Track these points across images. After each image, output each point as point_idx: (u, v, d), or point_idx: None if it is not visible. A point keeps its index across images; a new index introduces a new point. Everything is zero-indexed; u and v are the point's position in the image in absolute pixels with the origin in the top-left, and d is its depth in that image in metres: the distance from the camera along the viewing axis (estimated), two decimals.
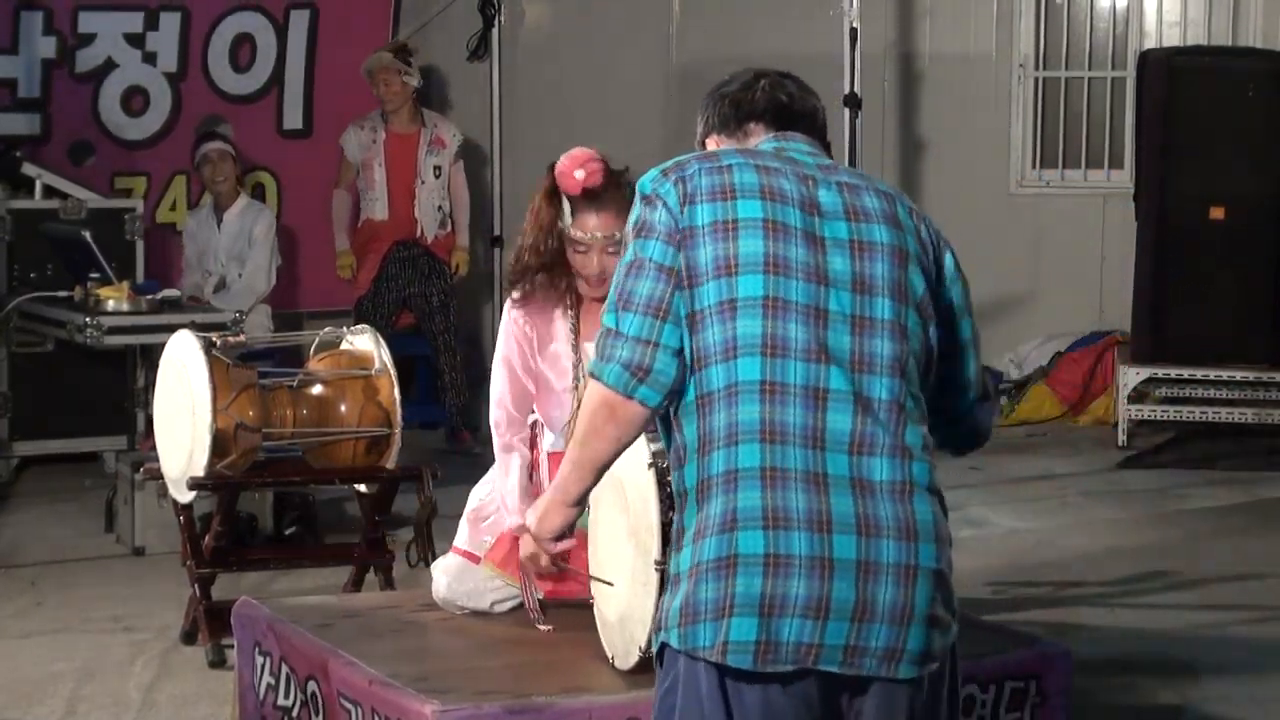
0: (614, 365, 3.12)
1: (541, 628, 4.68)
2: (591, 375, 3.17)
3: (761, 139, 3.39)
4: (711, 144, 3.45)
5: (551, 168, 4.75)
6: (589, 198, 4.69)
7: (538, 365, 4.80)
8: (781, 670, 3.04)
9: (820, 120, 3.47)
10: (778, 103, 3.41)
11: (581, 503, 3.35)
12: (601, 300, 4.77)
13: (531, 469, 4.84)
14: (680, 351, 3.11)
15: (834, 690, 3.09)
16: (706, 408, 3.10)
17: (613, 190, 4.71)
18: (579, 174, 4.67)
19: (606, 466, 3.27)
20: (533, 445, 4.85)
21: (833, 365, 3.09)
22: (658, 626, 3.18)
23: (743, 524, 3.03)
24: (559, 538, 3.41)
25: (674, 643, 3.09)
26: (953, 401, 3.35)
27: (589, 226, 4.68)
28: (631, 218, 3.25)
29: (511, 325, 4.82)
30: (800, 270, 3.12)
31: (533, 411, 4.85)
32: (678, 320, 3.12)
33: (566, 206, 4.69)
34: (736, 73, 3.50)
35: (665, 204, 3.18)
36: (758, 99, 3.42)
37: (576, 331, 4.79)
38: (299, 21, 10.37)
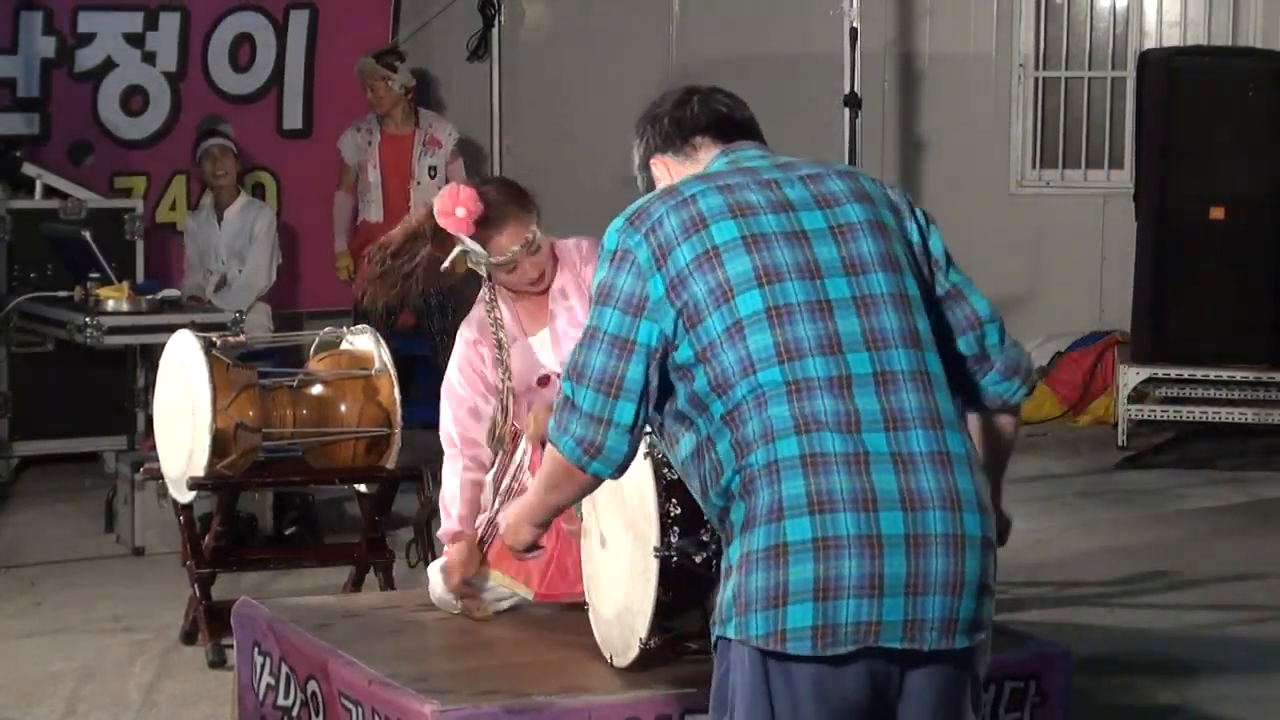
0: (568, 439, 3.22)
1: (477, 615, 4.78)
2: (550, 441, 3.26)
3: (710, 153, 3.40)
4: (657, 167, 3.45)
5: (427, 228, 4.82)
6: (483, 225, 4.76)
7: (500, 378, 4.86)
8: (841, 652, 3.05)
9: (757, 128, 3.48)
10: (718, 114, 3.42)
11: (547, 526, 3.57)
12: (543, 291, 4.85)
13: (496, 476, 4.90)
14: (634, 427, 3.19)
15: (888, 666, 3.10)
16: (737, 420, 3.13)
17: (496, 200, 4.79)
18: (460, 212, 4.74)
19: (560, 514, 3.57)
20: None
21: (848, 351, 3.13)
22: (712, 621, 3.20)
23: (789, 512, 3.06)
24: (529, 549, 3.63)
25: (731, 634, 3.11)
26: (982, 337, 3.35)
27: (503, 247, 4.78)
28: (596, 276, 3.27)
29: (462, 348, 4.92)
30: (792, 271, 3.16)
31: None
32: (633, 396, 3.17)
33: (471, 246, 4.74)
34: (666, 93, 3.52)
35: (635, 262, 3.20)
36: (698, 113, 3.42)
37: (500, 334, 4.84)
38: (298, 21, 10.38)
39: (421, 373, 9.97)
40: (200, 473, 5.91)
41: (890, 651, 3.08)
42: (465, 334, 4.96)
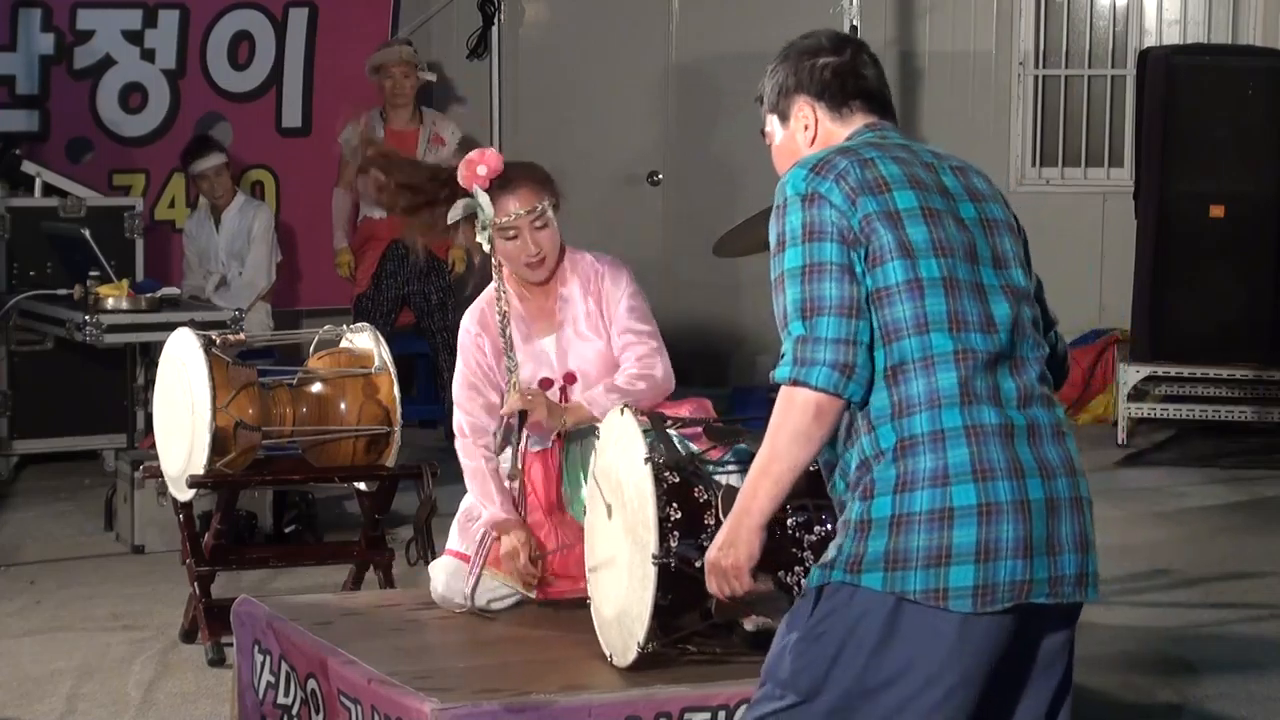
0: (820, 368, 3.25)
1: (534, 594, 4.79)
2: (791, 382, 3.25)
3: (860, 120, 3.53)
4: (803, 107, 3.54)
5: (449, 177, 4.83)
6: (499, 185, 4.80)
7: (500, 374, 4.86)
8: (998, 609, 3.26)
9: (891, 97, 3.65)
10: (875, 87, 3.56)
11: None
12: (543, 283, 4.85)
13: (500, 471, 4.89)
14: (871, 346, 3.29)
15: (1025, 621, 3.32)
16: (901, 376, 3.29)
17: (517, 170, 4.85)
18: (481, 169, 4.79)
19: (800, 475, 3.34)
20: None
21: (1000, 333, 3.35)
22: (829, 565, 3.30)
23: (955, 479, 3.25)
24: (747, 572, 3.44)
25: (876, 585, 3.25)
26: (1048, 341, 3.61)
27: (510, 209, 4.79)
28: (789, 219, 3.32)
29: (465, 339, 4.92)
30: (960, 250, 3.37)
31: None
32: (867, 316, 3.29)
33: (482, 200, 4.76)
34: (816, 33, 3.63)
35: (830, 202, 3.33)
36: (861, 76, 3.54)
37: (507, 333, 4.85)
38: (298, 19, 10.37)
39: (421, 371, 9.99)
40: (200, 471, 5.91)
41: (1033, 607, 3.30)
42: (467, 326, 4.97)
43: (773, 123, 3.59)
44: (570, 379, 4.85)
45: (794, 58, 3.57)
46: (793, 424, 3.28)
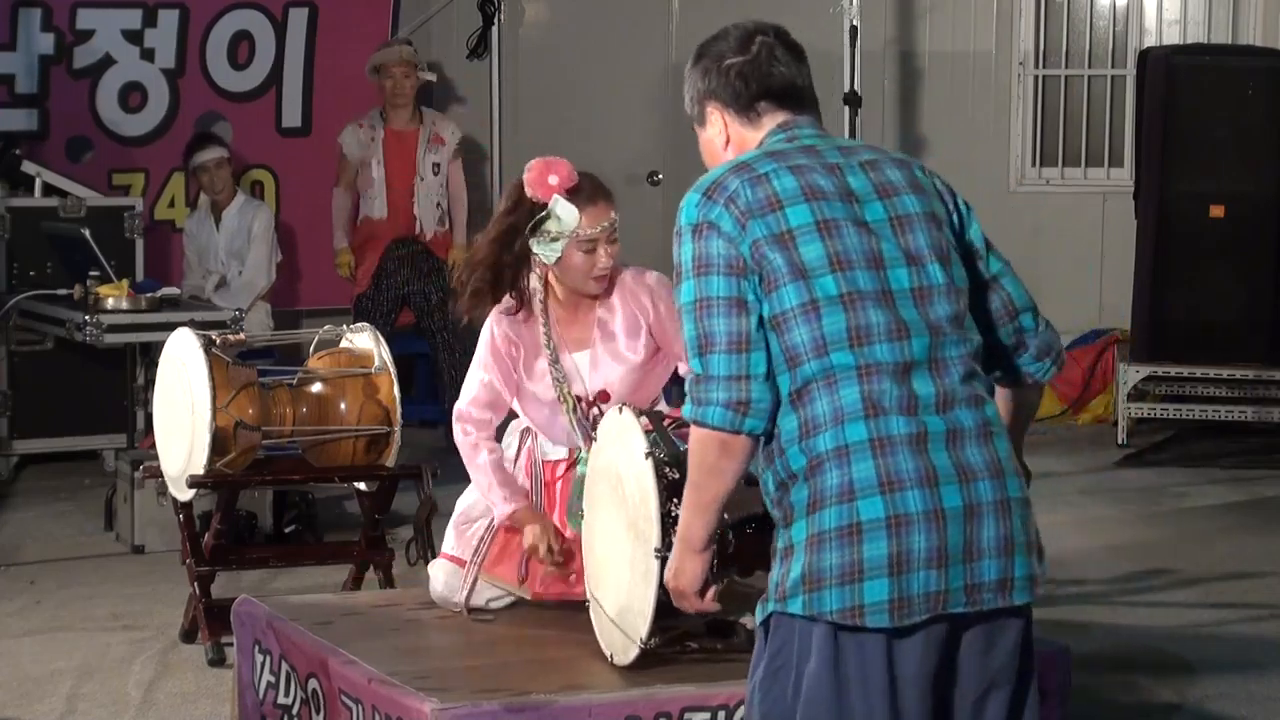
0: (715, 408, 3.26)
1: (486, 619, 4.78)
2: (693, 422, 3.29)
3: (771, 120, 3.46)
4: (714, 113, 3.49)
5: (518, 187, 4.73)
6: (577, 195, 4.70)
7: (521, 378, 4.83)
8: (915, 621, 3.22)
9: (813, 92, 3.55)
10: (784, 81, 3.48)
11: (709, 545, 3.46)
12: (591, 297, 4.79)
13: (508, 462, 4.90)
14: (769, 374, 3.26)
15: (954, 630, 3.28)
16: (806, 397, 3.26)
17: (589, 181, 4.77)
18: (553, 179, 4.69)
19: (726, 502, 3.39)
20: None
21: (914, 337, 3.28)
22: (764, 598, 3.32)
23: (861, 493, 3.21)
24: (703, 588, 3.52)
25: (798, 610, 3.24)
26: (1019, 326, 3.51)
27: (596, 219, 4.69)
28: (683, 251, 3.31)
29: (490, 338, 4.87)
30: (860, 260, 3.29)
31: (517, 416, 4.88)
32: (760, 345, 3.25)
33: (563, 211, 4.66)
34: (726, 29, 3.56)
35: (720, 229, 3.29)
36: (765, 74, 3.46)
37: (552, 343, 4.79)
38: (298, 19, 10.36)
39: (421, 371, 9.98)
40: (200, 471, 5.91)
41: (954, 616, 3.25)
42: (506, 333, 4.84)
43: (698, 129, 3.55)
44: (604, 397, 4.79)
45: (703, 61, 3.51)
46: (702, 460, 3.32)
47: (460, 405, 4.94)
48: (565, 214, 4.67)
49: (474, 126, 10.29)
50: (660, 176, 11.23)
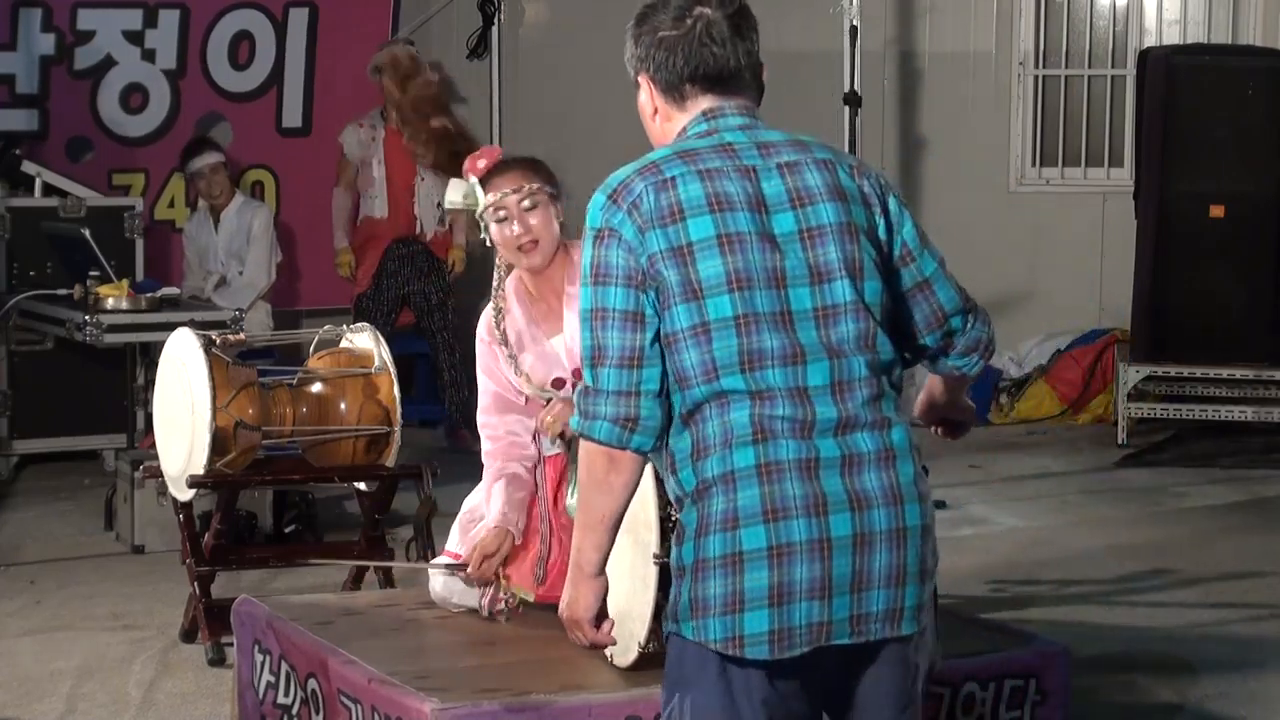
0: (601, 422, 3.20)
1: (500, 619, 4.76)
2: (580, 436, 3.24)
3: (696, 106, 3.33)
4: (643, 83, 3.37)
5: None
6: (492, 170, 4.84)
7: (518, 374, 4.84)
8: (796, 654, 3.15)
9: (755, 61, 3.39)
10: (714, 64, 3.31)
11: (603, 568, 3.36)
12: (540, 270, 4.84)
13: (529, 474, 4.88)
14: (660, 392, 3.20)
15: (839, 660, 3.22)
16: (697, 418, 3.19)
17: (515, 161, 4.89)
18: (481, 162, 4.86)
19: (618, 522, 3.31)
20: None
21: (810, 362, 3.18)
22: (667, 617, 3.27)
23: (744, 521, 3.14)
24: (598, 619, 3.41)
25: (687, 635, 3.20)
26: (948, 330, 3.41)
27: (499, 187, 4.80)
28: (584, 256, 3.26)
29: (480, 349, 4.91)
30: (761, 278, 3.19)
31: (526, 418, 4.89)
32: (655, 361, 3.18)
33: (475, 187, 4.82)
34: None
35: (621, 237, 3.22)
36: (695, 54, 3.30)
37: (509, 344, 4.83)
38: (298, 19, 10.37)
39: (421, 371, 9.98)
40: (200, 471, 5.91)
41: (840, 648, 3.18)
42: (481, 335, 4.92)
43: (639, 94, 3.40)
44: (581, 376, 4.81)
45: (640, 27, 3.34)
46: (590, 475, 3.25)
47: (479, 415, 4.96)
48: (474, 189, 4.82)
49: (474, 126, 10.28)
50: None
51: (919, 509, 3.23)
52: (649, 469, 4.15)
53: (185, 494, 6.05)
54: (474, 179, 4.82)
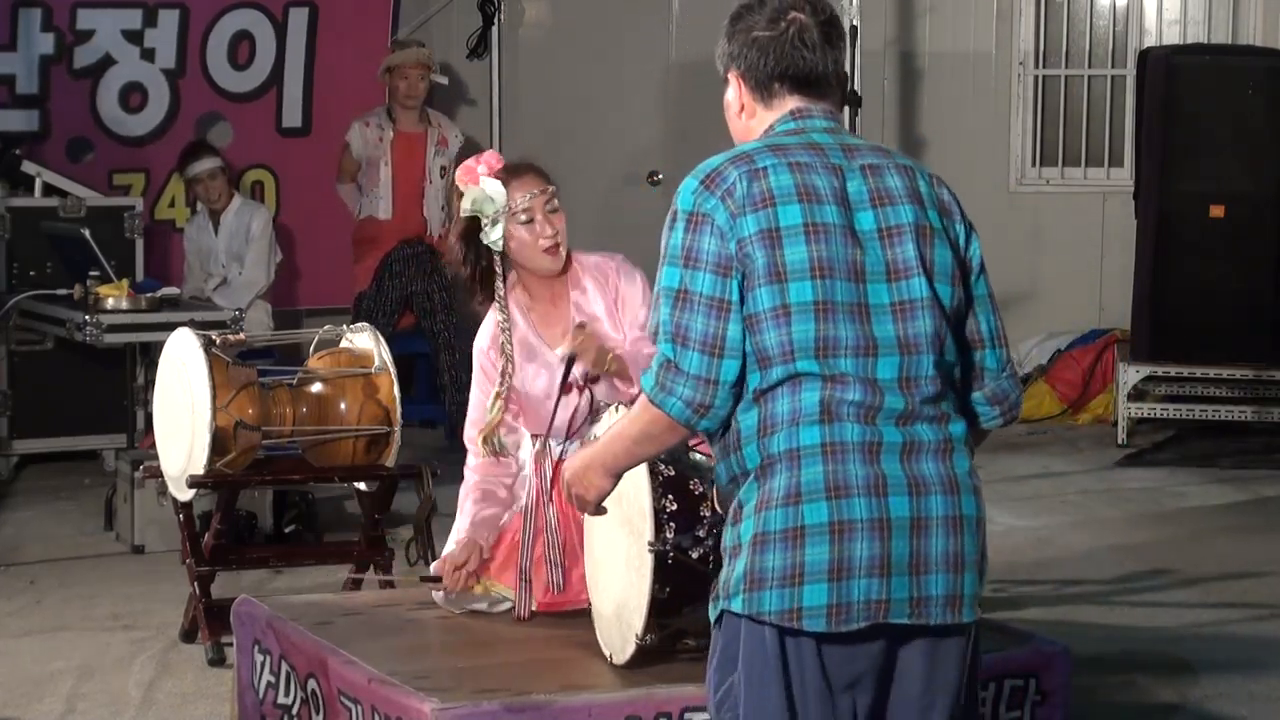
0: (677, 401, 3.28)
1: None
2: (650, 400, 3.30)
3: (783, 105, 3.42)
4: (733, 82, 3.46)
5: (453, 187, 4.84)
6: (504, 174, 4.80)
7: (519, 382, 4.83)
8: (853, 628, 3.22)
9: (840, 69, 3.51)
10: (805, 67, 3.41)
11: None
12: (559, 274, 4.82)
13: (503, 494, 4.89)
14: (737, 382, 3.27)
15: (895, 642, 3.29)
16: (768, 397, 3.27)
17: (517, 162, 4.87)
18: (482, 169, 4.79)
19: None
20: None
21: (881, 355, 3.28)
22: (716, 596, 3.33)
23: (807, 497, 3.22)
24: (597, 506, 3.56)
25: (738, 608, 3.26)
26: (980, 365, 3.45)
27: (523, 190, 4.77)
28: (673, 237, 3.32)
29: (478, 356, 4.91)
30: (841, 269, 3.28)
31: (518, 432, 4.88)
32: (735, 353, 3.26)
33: (491, 189, 4.75)
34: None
35: (714, 223, 3.29)
36: (787, 55, 3.40)
37: (535, 337, 4.80)
38: (298, 19, 10.36)
39: (421, 371, 9.98)
40: (200, 471, 5.91)
41: (898, 627, 3.25)
42: (482, 347, 4.91)
43: (726, 90, 3.51)
44: (592, 380, 4.80)
45: (735, 25, 3.45)
46: (645, 427, 3.36)
47: (466, 429, 4.96)
48: (493, 190, 4.77)
49: (474, 127, 10.29)
50: (660, 176, 11.22)
51: (974, 501, 3.33)
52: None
53: (185, 494, 6.05)
54: (483, 179, 4.76)
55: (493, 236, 4.79)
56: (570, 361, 4.70)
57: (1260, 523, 8.23)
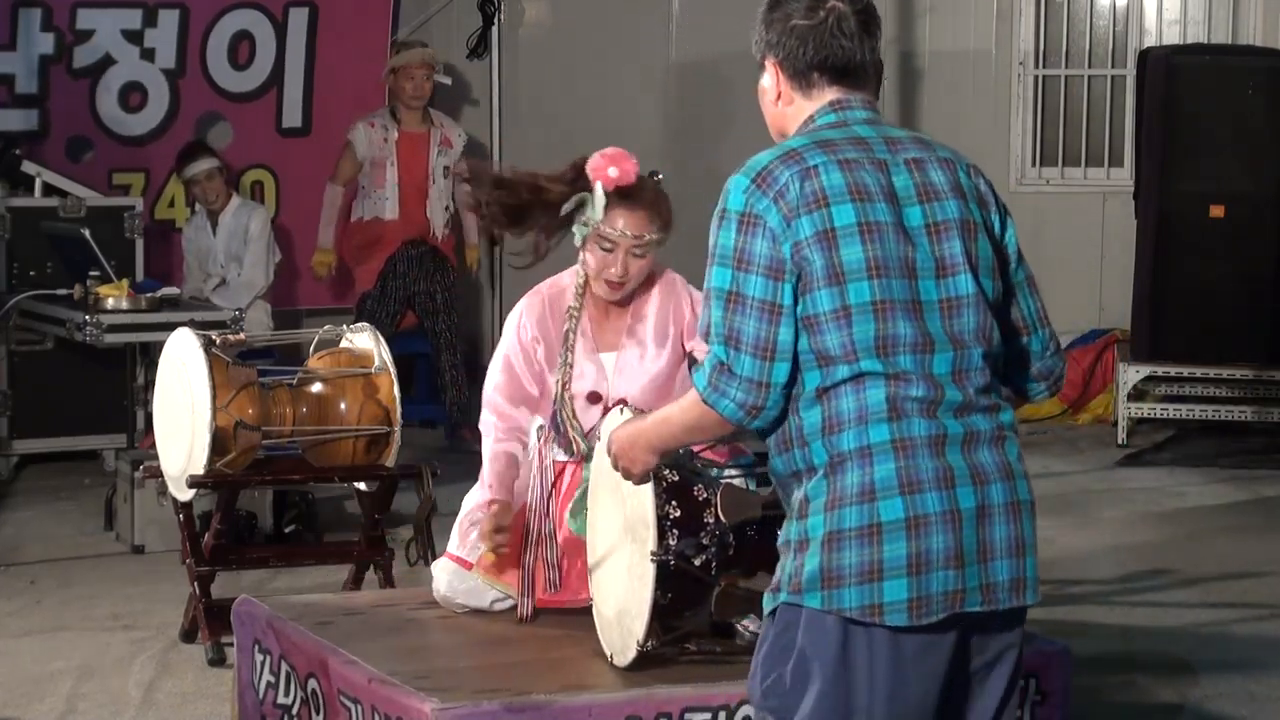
0: (729, 403, 3.32)
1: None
2: (703, 399, 3.34)
3: (822, 95, 3.44)
4: (769, 70, 3.46)
5: (578, 164, 4.71)
6: (621, 195, 4.68)
7: (543, 368, 4.79)
8: (933, 620, 3.27)
9: (878, 59, 3.58)
10: (844, 56, 3.45)
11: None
12: (617, 304, 4.77)
13: (518, 463, 4.84)
14: (789, 383, 3.31)
15: (967, 629, 3.33)
16: (831, 394, 3.30)
17: (643, 191, 4.72)
18: (613, 171, 4.69)
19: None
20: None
21: (937, 351, 3.32)
22: (776, 588, 3.36)
23: (882, 494, 3.26)
24: (641, 478, 3.71)
25: (816, 605, 3.28)
26: (1027, 347, 3.53)
27: (618, 225, 4.67)
28: (723, 236, 3.33)
29: (517, 329, 4.81)
30: (896, 267, 3.32)
31: (534, 418, 4.84)
32: (786, 356, 3.29)
33: (598, 200, 4.65)
34: None
35: (766, 225, 3.30)
36: (825, 44, 3.43)
37: (575, 342, 4.76)
38: (298, 19, 10.36)
39: (421, 371, 9.98)
40: (200, 471, 5.91)
41: (969, 616, 3.30)
42: (525, 323, 4.78)
43: (762, 77, 3.51)
44: (622, 404, 4.76)
45: (773, 13, 3.45)
46: (697, 420, 3.42)
47: (486, 390, 4.88)
48: (596, 202, 4.68)
49: (474, 126, 10.29)
50: (660, 176, 11.20)
51: (1027, 485, 3.39)
52: None
53: (185, 494, 6.05)
54: (600, 186, 4.64)
55: (578, 231, 4.71)
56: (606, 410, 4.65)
57: (1260, 523, 8.23)
